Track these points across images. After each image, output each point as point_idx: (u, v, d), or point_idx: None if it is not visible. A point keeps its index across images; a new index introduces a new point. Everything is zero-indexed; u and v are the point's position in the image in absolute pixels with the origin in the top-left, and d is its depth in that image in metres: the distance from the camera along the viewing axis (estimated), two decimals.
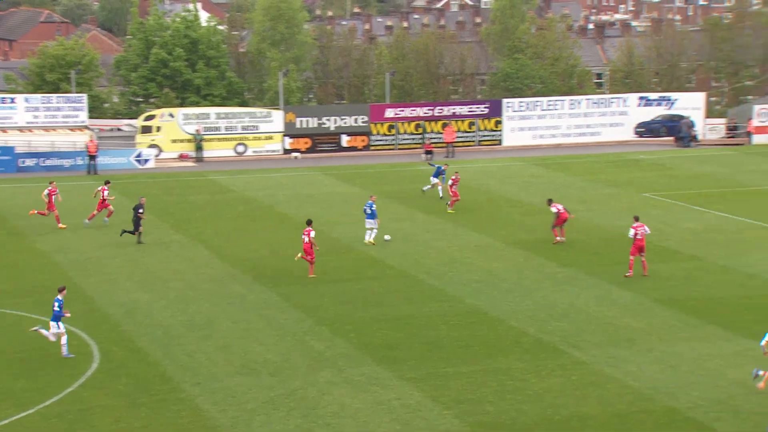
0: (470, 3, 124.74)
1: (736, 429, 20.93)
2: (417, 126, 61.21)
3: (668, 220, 40.30)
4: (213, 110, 60.61)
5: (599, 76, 78.29)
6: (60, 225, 39.15)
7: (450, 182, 42.79)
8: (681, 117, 62.27)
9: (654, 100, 63.34)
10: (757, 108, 61.97)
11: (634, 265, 31.89)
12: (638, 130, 62.91)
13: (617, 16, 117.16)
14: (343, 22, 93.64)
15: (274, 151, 60.10)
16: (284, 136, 60.15)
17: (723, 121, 64.47)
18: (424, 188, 45.45)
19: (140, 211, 37.03)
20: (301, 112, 61.28)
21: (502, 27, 75.75)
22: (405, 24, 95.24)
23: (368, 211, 36.21)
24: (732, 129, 63.40)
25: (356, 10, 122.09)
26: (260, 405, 22.34)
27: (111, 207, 39.65)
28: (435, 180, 44.79)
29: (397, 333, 27.04)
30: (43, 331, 25.12)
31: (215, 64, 68.75)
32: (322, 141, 60.63)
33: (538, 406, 22.14)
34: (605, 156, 57.84)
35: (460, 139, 60.94)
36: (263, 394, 22.87)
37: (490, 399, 22.51)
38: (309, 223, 32.63)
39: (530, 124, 62.27)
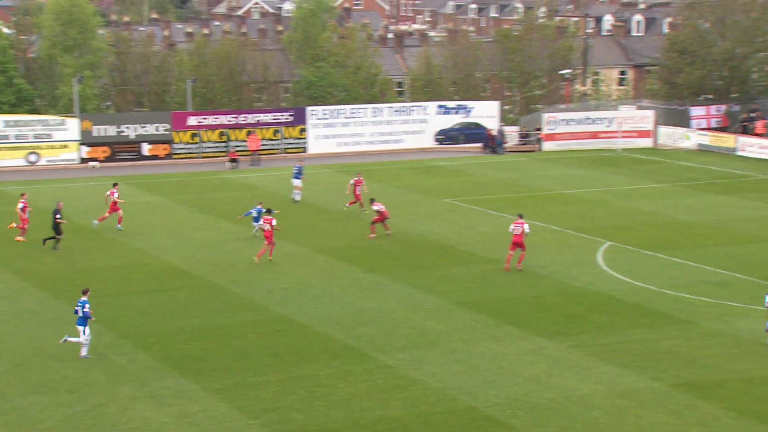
0: (271, 11, 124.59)
1: (532, 424, 21.96)
2: (221, 134, 60.50)
3: (467, 224, 41.81)
4: (1, 118, 57.57)
5: (400, 84, 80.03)
6: (19, 238, 38.15)
7: (352, 182, 43.97)
8: (477, 125, 64.72)
9: (452, 108, 65.46)
10: (545, 116, 65.30)
11: (512, 259, 34.00)
12: (438, 137, 64.83)
13: (415, 26, 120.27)
14: (141, 28, 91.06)
15: (69, 160, 57.72)
16: (80, 144, 57.89)
17: (516, 128, 67.45)
18: (296, 198, 45.89)
19: (57, 216, 36.37)
20: (98, 120, 59.19)
21: (303, 35, 76.04)
22: (206, 31, 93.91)
23: (254, 214, 38.82)
24: (524, 136, 66.48)
25: (154, 16, 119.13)
26: (57, 423, 21.42)
27: (121, 211, 39.94)
28: (297, 182, 45.75)
29: (203, 344, 26.62)
30: (73, 339, 24.84)
31: (2, 69, 65.12)
32: (122, 149, 58.79)
33: (345, 410, 22.40)
34: (408, 163, 59.27)
35: (265, 147, 60.74)
36: (60, 412, 21.94)
37: (298, 406, 22.56)
38: (269, 212, 35.65)
39: (334, 131, 62.89)
